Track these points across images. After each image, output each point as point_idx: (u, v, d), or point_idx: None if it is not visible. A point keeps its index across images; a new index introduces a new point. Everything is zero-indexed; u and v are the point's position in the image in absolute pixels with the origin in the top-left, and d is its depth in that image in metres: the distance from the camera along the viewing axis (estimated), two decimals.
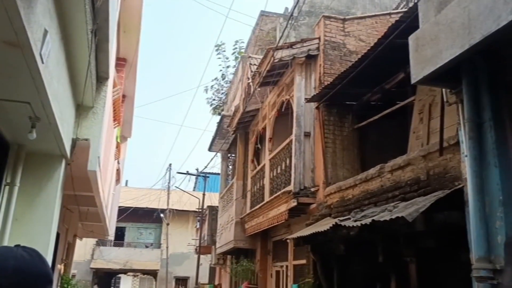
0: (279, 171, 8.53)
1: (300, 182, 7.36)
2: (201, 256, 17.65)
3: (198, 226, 20.41)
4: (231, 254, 13.62)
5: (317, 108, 7.49)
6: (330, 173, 7.11)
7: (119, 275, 32.08)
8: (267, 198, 9.02)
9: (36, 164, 5.30)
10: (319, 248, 6.23)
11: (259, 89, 9.57)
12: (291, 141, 7.82)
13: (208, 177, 19.93)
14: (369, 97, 6.76)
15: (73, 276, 13.59)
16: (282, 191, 7.77)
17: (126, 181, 27.31)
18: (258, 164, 10.79)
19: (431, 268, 4.51)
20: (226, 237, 12.49)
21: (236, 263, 12.12)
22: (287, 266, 8.81)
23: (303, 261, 7.53)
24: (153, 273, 25.34)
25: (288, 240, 8.16)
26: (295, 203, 7.22)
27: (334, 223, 4.79)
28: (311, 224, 6.51)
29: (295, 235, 6.18)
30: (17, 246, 1.21)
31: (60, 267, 10.08)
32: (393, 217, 3.77)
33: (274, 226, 8.79)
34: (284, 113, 8.89)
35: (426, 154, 4.43)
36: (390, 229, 4.18)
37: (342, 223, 4.63)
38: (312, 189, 7.29)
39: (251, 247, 11.10)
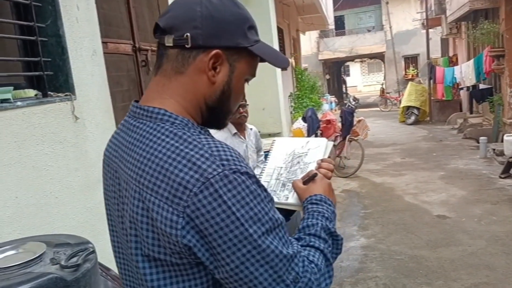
0: None
1: None
2: (430, 30, 16.19)
3: None
4: (467, 20, 11.96)
5: None
6: None
7: (347, 63, 33.29)
8: None
9: None
10: None
11: None
12: None
13: None
14: None
15: (305, 69, 14.55)
16: None
17: None
18: None
19: None
20: (458, 0, 10.80)
21: (473, 28, 10.62)
22: None
23: None
24: (379, 56, 25.19)
25: None
26: None
27: None
28: None
29: None
30: None
31: (291, 60, 10.74)
32: None
33: None
34: None
35: None
36: None
37: None
38: None
39: (492, 5, 9.35)
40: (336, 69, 27.89)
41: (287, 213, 1.29)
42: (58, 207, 1.91)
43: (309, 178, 1.14)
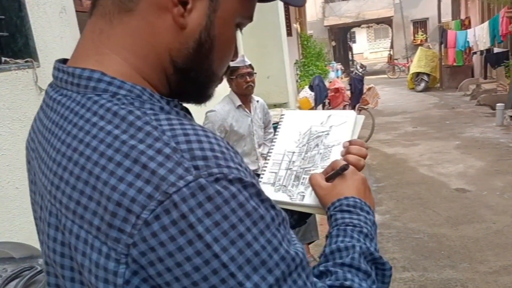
0: None
1: None
2: None
3: None
4: None
5: None
6: None
7: (353, 29, 32.34)
8: None
9: None
10: None
11: None
12: None
13: None
14: None
15: (310, 35, 13.94)
16: None
17: None
18: None
19: None
20: None
21: None
22: None
23: None
24: (387, 21, 24.31)
25: None
26: None
27: None
28: None
29: None
30: None
31: (296, 26, 10.21)
32: None
33: None
34: None
35: None
36: None
37: None
38: None
39: None
40: (342, 36, 27.06)
41: (302, 216, 0.94)
42: (19, 200, 1.57)
43: (335, 172, 0.78)
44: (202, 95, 0.64)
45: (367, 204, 0.73)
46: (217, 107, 2.90)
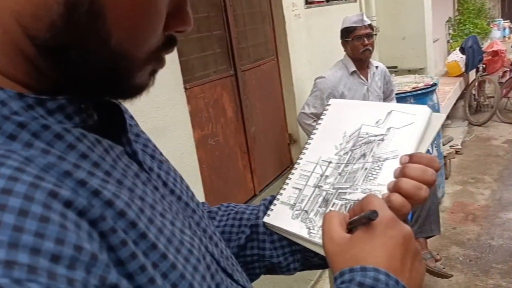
0: None
1: None
2: None
3: None
4: None
5: None
6: None
7: None
8: None
9: None
10: None
11: None
12: None
13: None
14: None
15: None
16: None
17: None
18: None
19: None
20: None
21: None
22: None
23: None
24: None
25: None
26: None
27: None
28: None
29: None
30: None
31: None
32: None
33: None
34: None
35: None
36: None
37: None
38: None
39: None
40: None
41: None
42: None
43: (358, 219, 0.47)
44: (116, 88, 0.39)
45: (400, 284, 0.41)
46: (327, 73, 2.57)
